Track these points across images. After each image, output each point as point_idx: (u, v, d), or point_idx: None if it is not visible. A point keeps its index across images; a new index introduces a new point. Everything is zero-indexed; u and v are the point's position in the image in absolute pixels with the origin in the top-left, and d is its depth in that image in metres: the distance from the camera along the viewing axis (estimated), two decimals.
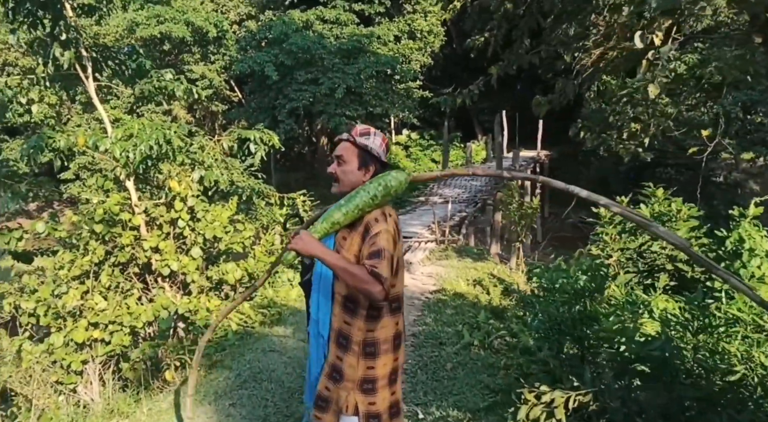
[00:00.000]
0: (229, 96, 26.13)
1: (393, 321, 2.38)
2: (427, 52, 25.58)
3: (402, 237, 2.43)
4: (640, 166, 21.46)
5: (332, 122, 22.57)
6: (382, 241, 2.21)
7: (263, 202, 7.97)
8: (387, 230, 2.25)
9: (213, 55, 24.38)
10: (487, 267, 8.39)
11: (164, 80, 6.93)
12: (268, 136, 6.89)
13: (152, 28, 22.48)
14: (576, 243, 21.58)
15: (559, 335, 4.11)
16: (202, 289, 6.78)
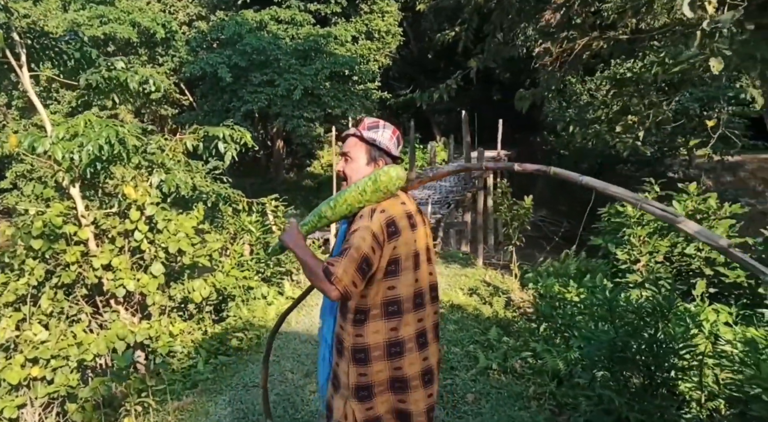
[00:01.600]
0: (179, 99, 24.75)
1: (388, 326, 2.17)
2: (385, 52, 24.82)
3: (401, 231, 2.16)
4: (602, 164, 21.27)
5: (290, 124, 21.55)
6: (355, 239, 2.08)
7: (230, 208, 6.97)
8: (367, 227, 2.09)
9: (161, 57, 22.99)
10: (478, 274, 7.64)
11: (115, 69, 5.88)
12: (239, 133, 5.94)
13: (95, 29, 21.00)
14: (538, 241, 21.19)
15: (621, 364, 3.35)
16: (163, 310, 5.78)
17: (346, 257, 2.04)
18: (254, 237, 7.16)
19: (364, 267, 2.06)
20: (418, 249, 2.22)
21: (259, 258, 7.05)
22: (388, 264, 2.14)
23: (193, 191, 6.89)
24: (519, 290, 7.32)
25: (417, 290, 2.23)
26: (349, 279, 2.03)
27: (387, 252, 2.11)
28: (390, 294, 2.16)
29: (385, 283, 2.15)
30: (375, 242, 2.08)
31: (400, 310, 2.19)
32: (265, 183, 25.99)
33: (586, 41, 9.62)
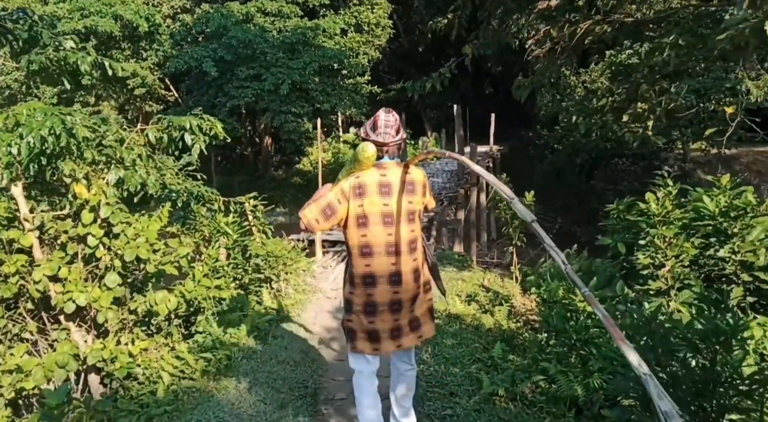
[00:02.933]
0: (164, 95, 23.90)
1: (363, 263, 2.94)
2: (375, 45, 24.05)
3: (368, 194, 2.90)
4: (596, 158, 20.62)
5: (277, 120, 20.76)
6: (330, 192, 2.94)
7: (204, 208, 6.23)
8: (340, 186, 2.93)
9: (145, 52, 22.12)
10: (476, 277, 6.95)
11: (64, 50, 5.11)
12: (209, 123, 5.20)
13: (75, 22, 20.11)
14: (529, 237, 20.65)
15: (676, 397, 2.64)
16: (124, 326, 5.05)
17: (317, 201, 2.89)
18: (231, 240, 6.42)
19: (327, 211, 2.87)
20: (393, 210, 2.91)
21: (237, 264, 6.32)
22: (359, 217, 2.89)
23: (162, 190, 6.15)
24: (521, 295, 6.64)
25: (388, 241, 2.91)
26: (313, 217, 2.87)
27: (354, 206, 2.88)
28: (363, 240, 2.90)
29: (359, 231, 2.90)
30: (342, 196, 2.88)
31: (371, 253, 2.90)
32: (253, 180, 25.18)
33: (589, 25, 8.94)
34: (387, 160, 2.96)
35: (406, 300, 2.96)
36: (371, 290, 2.92)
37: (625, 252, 6.30)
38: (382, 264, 2.90)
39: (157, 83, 22.85)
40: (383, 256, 2.90)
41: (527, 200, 7.03)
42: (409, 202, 2.96)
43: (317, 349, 4.91)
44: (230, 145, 26.19)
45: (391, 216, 2.91)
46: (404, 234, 2.93)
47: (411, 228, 2.98)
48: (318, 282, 6.87)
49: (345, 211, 2.89)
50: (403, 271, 2.92)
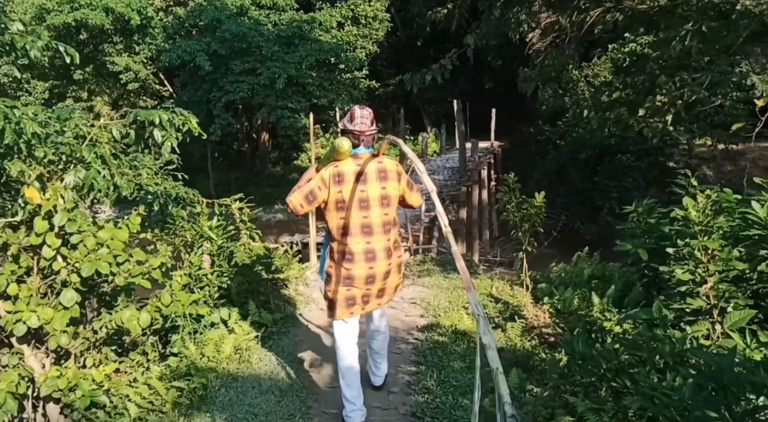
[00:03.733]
0: (159, 90, 23.21)
1: (343, 241, 3.29)
2: (373, 39, 23.36)
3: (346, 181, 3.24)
4: (600, 154, 19.96)
5: (273, 115, 20.11)
6: (312, 181, 3.27)
7: (185, 211, 5.58)
8: (321, 174, 3.26)
9: (138, 46, 21.42)
10: (483, 286, 6.32)
11: (9, 32, 4.44)
12: (182, 117, 4.54)
13: (65, 15, 19.41)
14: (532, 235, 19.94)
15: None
16: (89, 346, 4.41)
17: (300, 189, 3.27)
18: (215, 245, 5.78)
19: (309, 197, 3.25)
20: (368, 195, 3.26)
21: (222, 272, 5.68)
22: (338, 202, 3.27)
23: (138, 191, 5.51)
24: (532, 306, 6.01)
25: (364, 223, 3.28)
26: (297, 202, 3.26)
27: (334, 192, 3.24)
28: (342, 222, 3.28)
29: (338, 214, 3.28)
30: (322, 183, 3.25)
31: (349, 233, 3.27)
32: (250, 177, 24.56)
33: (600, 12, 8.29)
34: (363, 149, 3.32)
35: (379, 275, 3.34)
36: (349, 265, 3.29)
37: (647, 259, 5.67)
38: (359, 243, 3.27)
39: (151, 78, 22.18)
40: (359, 236, 3.27)
41: (537, 202, 6.39)
42: (382, 188, 3.30)
43: (307, 373, 4.29)
44: (227, 141, 25.58)
45: (366, 201, 3.27)
46: (378, 217, 3.29)
47: (384, 211, 3.32)
48: (311, 291, 6.23)
49: (325, 196, 3.25)
50: (376, 249, 3.29)
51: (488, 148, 21.53)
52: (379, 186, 3.28)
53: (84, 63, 21.67)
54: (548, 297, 6.23)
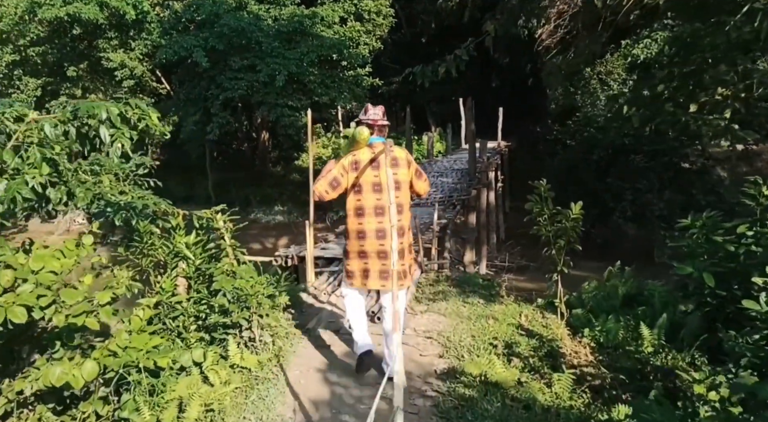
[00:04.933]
0: (156, 88, 22.13)
1: (357, 221, 3.71)
2: (376, 35, 22.24)
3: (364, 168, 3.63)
4: (613, 154, 18.82)
5: (273, 114, 19.03)
6: (334, 168, 3.70)
7: (157, 225, 4.51)
8: (341, 162, 3.69)
9: (133, 41, 20.34)
10: (509, 312, 5.25)
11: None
12: (138, 111, 3.47)
13: (57, 9, 18.31)
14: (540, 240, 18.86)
15: None
16: (13, 409, 3.37)
17: (325, 176, 3.68)
18: (192, 266, 4.72)
19: (333, 183, 3.65)
20: (381, 180, 3.63)
21: (200, 299, 4.62)
22: (356, 186, 3.66)
23: (96, 202, 4.46)
24: (569, 338, 4.95)
25: (377, 205, 3.66)
26: (323, 189, 3.65)
27: (352, 177, 3.64)
28: (358, 204, 3.69)
29: (355, 197, 3.69)
30: (343, 170, 3.65)
31: (363, 214, 3.68)
32: (252, 177, 23.49)
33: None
34: (377, 139, 3.69)
35: (389, 252, 3.55)
36: (363, 242, 3.68)
37: (713, 285, 4.62)
38: (371, 222, 3.65)
39: (147, 75, 21.10)
40: (372, 216, 3.65)
41: (573, 213, 5.34)
42: (394, 174, 3.57)
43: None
44: (226, 140, 24.51)
45: (380, 185, 3.63)
46: (374, 200, 3.65)
47: (396, 194, 3.59)
48: (308, 319, 5.17)
49: (347, 182, 3.65)
50: (387, 228, 3.60)
51: (495, 148, 20.44)
52: (391, 172, 3.36)
53: (78, 59, 20.63)
54: (588, 328, 5.18)
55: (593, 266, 9.41)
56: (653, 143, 17.74)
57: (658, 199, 17.93)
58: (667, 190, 17.90)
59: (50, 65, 20.76)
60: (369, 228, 3.65)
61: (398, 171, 3.69)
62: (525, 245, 18.53)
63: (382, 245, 3.62)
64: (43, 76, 20.69)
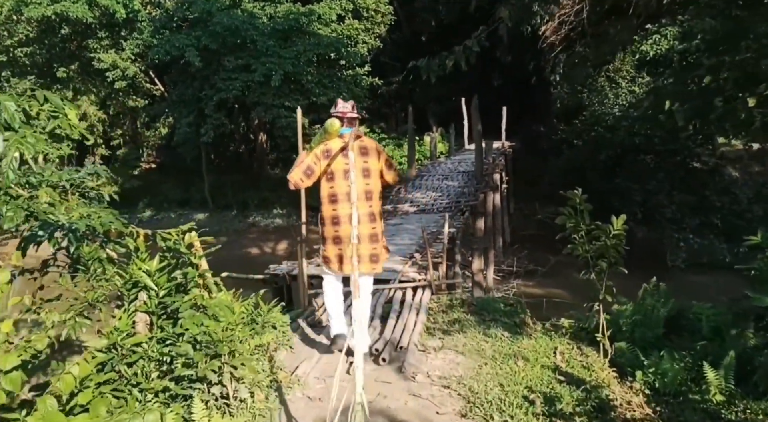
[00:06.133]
0: (150, 89, 21.13)
1: (331, 207, 3.87)
2: (375, 33, 21.25)
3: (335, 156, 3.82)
4: (621, 154, 17.83)
5: (269, 114, 18.07)
6: (307, 157, 3.86)
7: (102, 250, 3.52)
8: (314, 151, 3.84)
9: (124, 41, 19.35)
10: (540, 349, 4.28)
11: None
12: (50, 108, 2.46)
13: (44, 8, 17.38)
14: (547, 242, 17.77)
15: None
16: None
17: (299, 166, 3.83)
18: (154, 300, 3.74)
19: (307, 171, 3.80)
20: (350, 167, 3.40)
21: (164, 338, 3.64)
22: (328, 173, 3.83)
23: (29, 221, 3.50)
24: (617, 382, 3.98)
25: (349, 191, 3.49)
26: (298, 178, 3.81)
27: (323, 165, 3.81)
28: (331, 191, 3.85)
29: (328, 184, 3.84)
30: (316, 158, 3.81)
31: (337, 200, 3.84)
32: (249, 180, 22.47)
33: None
34: (347, 130, 3.83)
35: (364, 236, 3.85)
36: (337, 228, 3.86)
37: None
38: (345, 208, 3.81)
39: (140, 76, 20.12)
40: (345, 202, 3.80)
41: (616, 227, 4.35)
42: (364, 162, 3.89)
43: None
44: (223, 142, 23.49)
45: (348, 172, 3.62)
46: (360, 186, 3.81)
47: (366, 181, 3.90)
48: (297, 360, 4.18)
49: (320, 170, 3.84)
50: (360, 214, 3.73)
51: (499, 149, 19.45)
52: (361, 160, 3.85)
53: (68, 60, 19.66)
54: (636, 367, 4.20)
55: None
56: (665, 142, 16.77)
57: (669, 201, 16.97)
58: (679, 190, 16.95)
59: (39, 66, 19.81)
60: (343, 214, 3.81)
61: (368, 159, 3.90)
62: (531, 248, 17.60)
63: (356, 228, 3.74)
64: (32, 78, 19.70)
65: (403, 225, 9.30)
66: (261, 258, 19.23)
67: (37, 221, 3.54)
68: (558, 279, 14.97)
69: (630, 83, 18.48)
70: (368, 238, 3.87)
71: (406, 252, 7.26)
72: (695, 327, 5.12)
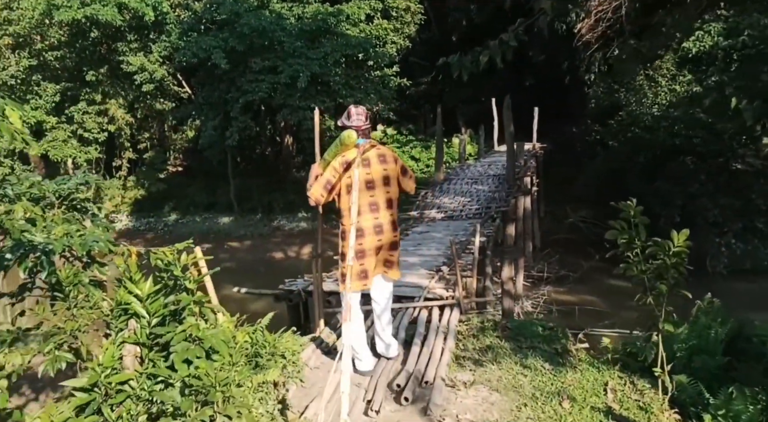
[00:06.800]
0: (177, 91, 20.94)
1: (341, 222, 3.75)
2: (404, 34, 20.68)
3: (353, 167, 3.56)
4: (661, 156, 16.87)
5: (295, 117, 17.65)
6: (326, 171, 3.69)
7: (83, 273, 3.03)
8: (332, 164, 3.67)
9: (153, 44, 19.18)
10: (588, 384, 3.68)
11: None
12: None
13: (74, 11, 17.26)
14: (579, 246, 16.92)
15: None
16: None
17: (318, 181, 3.70)
18: (144, 331, 3.26)
19: (327, 186, 3.65)
20: (372, 177, 3.68)
21: (155, 374, 3.15)
22: (348, 186, 3.61)
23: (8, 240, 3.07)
24: None
25: (371, 201, 3.68)
26: (318, 194, 3.68)
27: (344, 177, 3.64)
28: (344, 205, 3.70)
29: (349, 197, 3.56)
30: (334, 171, 3.65)
31: (359, 212, 3.57)
32: (275, 183, 22.12)
33: None
34: (362, 140, 3.70)
35: (386, 245, 3.76)
36: (361, 240, 3.64)
37: None
38: (368, 219, 3.67)
39: (168, 78, 19.94)
40: (368, 213, 3.68)
41: (678, 243, 3.72)
42: (384, 170, 3.76)
43: None
44: (249, 145, 23.21)
45: (372, 182, 3.70)
46: (382, 195, 3.74)
47: (387, 190, 3.77)
48: (306, 397, 3.64)
49: (339, 183, 3.69)
50: (384, 223, 3.72)
51: (530, 151, 18.70)
52: (381, 168, 3.74)
53: (97, 63, 19.58)
54: (705, 412, 3.56)
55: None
56: (707, 143, 15.82)
57: (712, 204, 16.00)
58: (722, 193, 15.96)
59: (69, 70, 19.78)
60: (366, 226, 3.66)
61: (387, 167, 3.78)
62: (562, 253, 16.80)
63: (379, 240, 3.70)
64: (62, 81, 19.68)
65: (429, 233, 8.69)
66: (285, 262, 18.87)
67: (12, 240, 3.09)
68: (591, 286, 14.24)
69: (670, 81, 17.52)
70: (389, 246, 3.78)
71: (432, 265, 6.65)
72: (759, 350, 4.48)
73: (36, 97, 19.10)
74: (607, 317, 11.01)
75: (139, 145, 22.25)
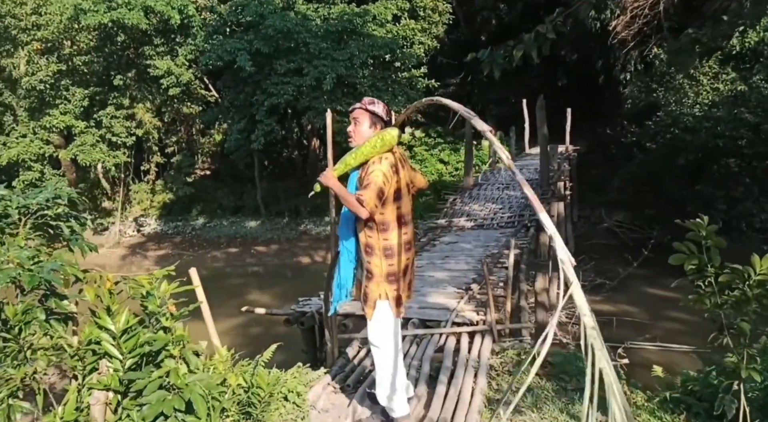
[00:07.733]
0: (204, 95, 20.66)
1: (402, 231, 3.07)
2: (432, 34, 20.02)
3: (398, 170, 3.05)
4: (703, 158, 15.87)
5: (321, 119, 17.12)
6: (372, 176, 2.93)
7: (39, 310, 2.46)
8: (380, 169, 2.95)
9: (179, 47, 18.92)
10: None
11: None
12: None
13: (101, 15, 17.06)
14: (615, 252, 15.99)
15: None
16: None
17: (369, 189, 2.89)
18: (115, 376, 2.70)
19: (380, 194, 2.92)
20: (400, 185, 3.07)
21: None
22: (396, 191, 3.03)
23: None
24: None
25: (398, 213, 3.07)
26: (373, 203, 2.88)
27: (393, 183, 3.00)
28: (381, 217, 3.02)
29: (395, 204, 3.04)
30: (385, 178, 2.95)
31: (388, 227, 3.04)
32: (302, 186, 21.69)
33: None
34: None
35: (410, 265, 3.22)
36: (391, 260, 3.06)
37: None
38: (396, 236, 3.07)
39: (195, 82, 19.66)
40: (396, 229, 3.07)
41: (759, 270, 2.99)
42: (408, 175, 3.22)
43: None
44: (276, 148, 22.86)
45: (399, 191, 3.09)
46: (407, 205, 3.18)
47: (410, 199, 3.26)
48: None
49: (387, 190, 3.00)
50: (411, 238, 3.18)
51: (563, 153, 17.83)
52: (407, 173, 3.22)
53: (125, 67, 19.42)
54: None
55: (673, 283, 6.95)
56: (752, 144, 14.80)
57: (757, 209, 14.98)
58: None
59: (97, 74, 19.66)
60: (395, 243, 3.09)
61: (409, 172, 3.27)
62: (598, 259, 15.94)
63: (407, 259, 3.17)
64: (91, 86, 19.57)
65: (458, 243, 8.00)
66: (312, 266, 18.42)
67: None
68: (629, 295, 13.44)
69: (713, 80, 16.50)
70: (413, 265, 3.30)
71: (461, 281, 5.99)
72: None
73: (65, 102, 19.01)
74: (647, 329, 10.25)
75: (167, 148, 22.08)
